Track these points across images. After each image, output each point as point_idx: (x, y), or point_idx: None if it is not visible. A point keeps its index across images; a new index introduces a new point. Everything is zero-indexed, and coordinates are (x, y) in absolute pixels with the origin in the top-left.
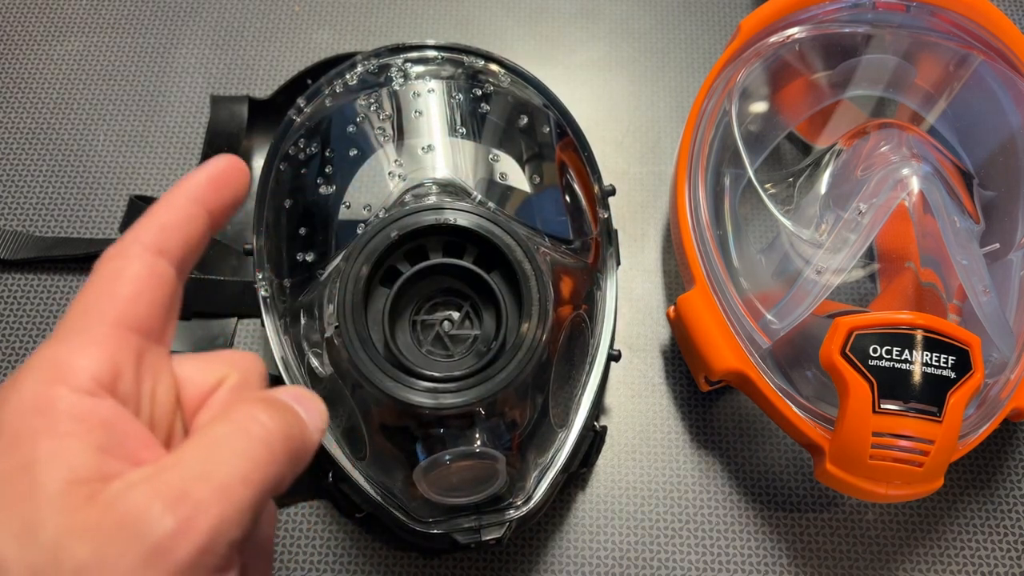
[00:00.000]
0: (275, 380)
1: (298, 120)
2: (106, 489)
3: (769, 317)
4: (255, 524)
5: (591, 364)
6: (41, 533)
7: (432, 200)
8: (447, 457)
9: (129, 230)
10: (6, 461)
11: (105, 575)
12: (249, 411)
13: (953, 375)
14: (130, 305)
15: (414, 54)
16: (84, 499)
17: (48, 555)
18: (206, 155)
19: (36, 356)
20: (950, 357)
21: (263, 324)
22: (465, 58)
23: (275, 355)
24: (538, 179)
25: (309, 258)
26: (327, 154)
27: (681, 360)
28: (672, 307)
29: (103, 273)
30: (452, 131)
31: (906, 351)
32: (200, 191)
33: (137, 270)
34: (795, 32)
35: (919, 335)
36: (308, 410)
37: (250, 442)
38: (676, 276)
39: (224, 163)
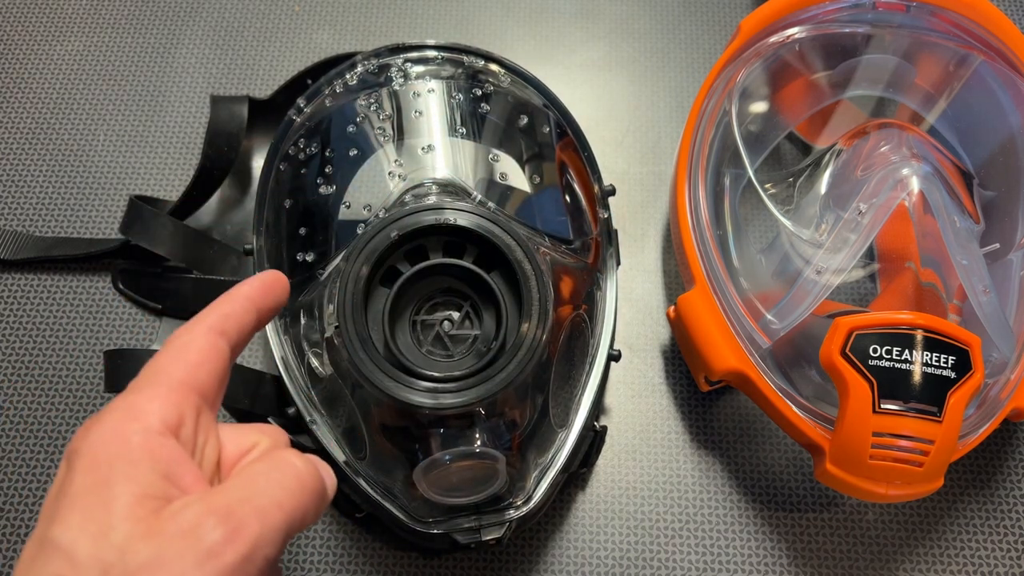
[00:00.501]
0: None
1: (298, 120)
2: (168, 506)
3: (769, 317)
4: (284, 548)
5: (591, 364)
6: (113, 535)
7: (432, 200)
8: (447, 457)
9: (198, 315)
10: (88, 477)
11: (164, 570)
12: (283, 454)
13: (953, 375)
14: (194, 370)
15: (414, 54)
16: (150, 511)
17: (116, 553)
18: (206, 155)
19: (116, 401)
20: (950, 357)
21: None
22: (465, 58)
23: (275, 355)
24: (538, 179)
25: (309, 258)
26: (327, 154)
27: (681, 360)
28: (672, 307)
29: (175, 343)
30: (452, 131)
31: (906, 351)
32: (254, 293)
33: (202, 344)
34: (795, 32)
35: (919, 335)
36: (325, 471)
37: (284, 475)
38: (676, 276)
39: (273, 276)
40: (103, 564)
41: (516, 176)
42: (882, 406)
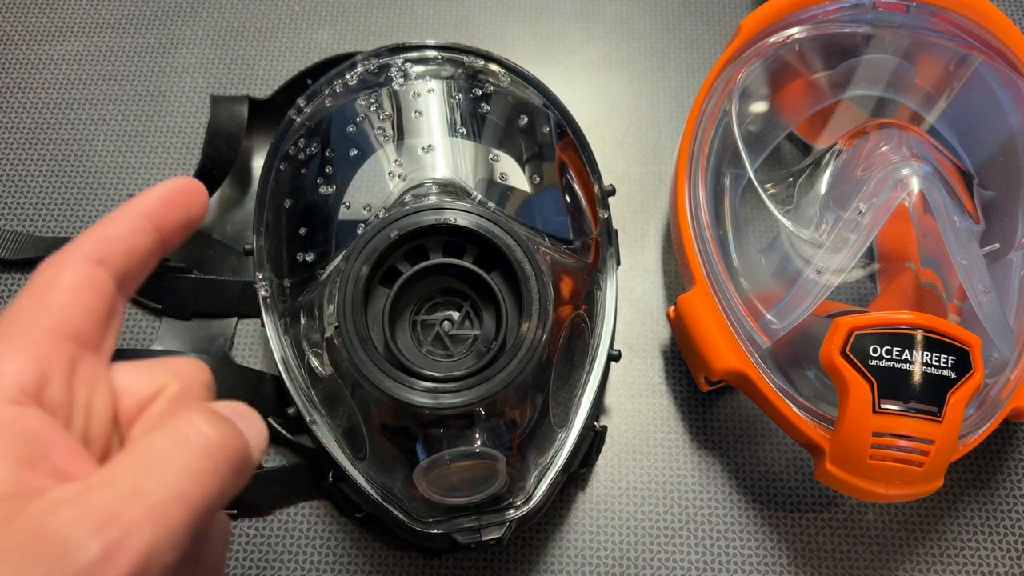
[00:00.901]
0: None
1: (298, 120)
2: (28, 507)
3: (769, 317)
4: (195, 544)
5: (591, 364)
6: None
7: (432, 200)
8: (447, 457)
9: (71, 241)
10: None
11: None
12: (189, 421)
13: (953, 375)
14: (64, 312)
15: (414, 54)
16: (3, 519)
17: None
18: (206, 155)
19: None
20: (950, 357)
21: (263, 324)
22: (465, 58)
23: (275, 355)
24: (538, 179)
25: (309, 258)
26: (327, 154)
27: (681, 360)
28: (672, 307)
29: (38, 280)
30: (452, 131)
31: (906, 351)
32: (151, 207)
33: (72, 277)
34: (795, 32)
35: (919, 335)
36: (250, 427)
37: (190, 455)
38: (676, 276)
39: (181, 183)
40: None
41: (516, 176)
42: (882, 406)
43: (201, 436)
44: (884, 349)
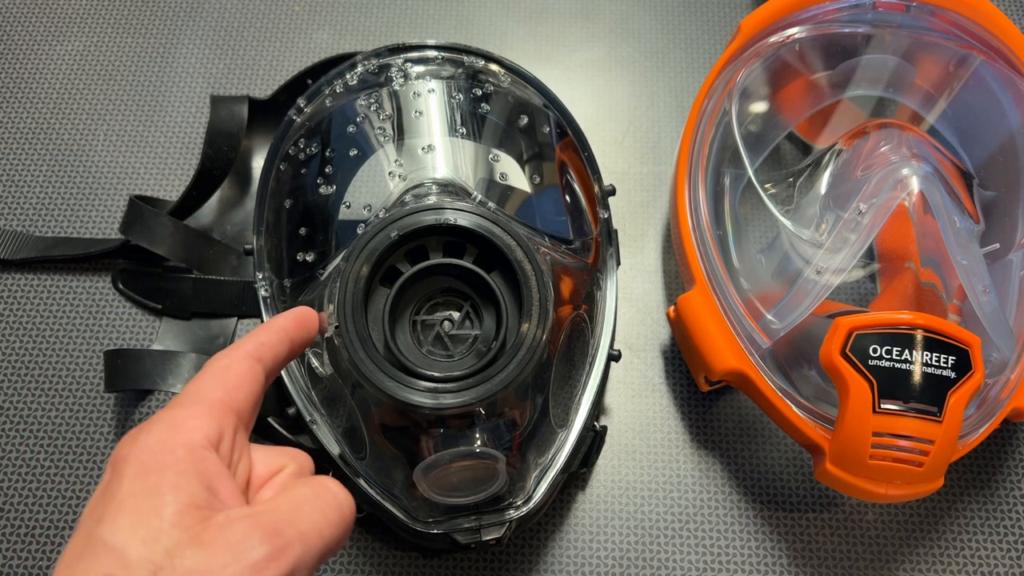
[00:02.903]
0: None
1: (298, 120)
2: (214, 516)
3: (769, 317)
4: (314, 573)
5: (591, 364)
6: (163, 539)
7: (432, 200)
8: (447, 457)
9: (238, 342)
10: (137, 483)
11: None
12: (327, 483)
13: (953, 375)
14: (233, 392)
15: (414, 54)
16: (198, 520)
17: (166, 557)
18: (206, 155)
19: (161, 414)
20: (950, 357)
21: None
22: (465, 58)
23: None
24: (538, 179)
25: (309, 258)
26: (327, 154)
27: (681, 360)
28: (672, 307)
29: (216, 366)
30: (452, 131)
31: (906, 351)
32: (289, 325)
33: (241, 368)
34: (795, 32)
35: (919, 335)
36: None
37: (328, 505)
38: (676, 276)
39: (306, 312)
40: (153, 566)
41: (516, 176)
42: (882, 406)
43: (334, 493)
44: (884, 349)
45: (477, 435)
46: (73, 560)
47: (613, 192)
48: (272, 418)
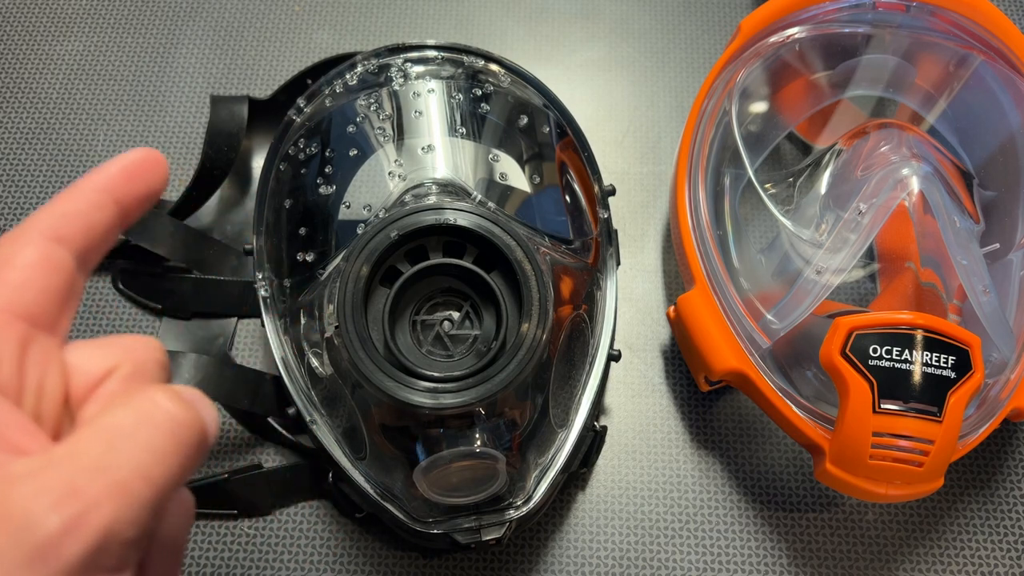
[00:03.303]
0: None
1: (298, 120)
2: None
3: (769, 317)
4: (156, 521)
5: (591, 364)
6: None
7: (432, 200)
8: (447, 457)
9: (28, 219)
10: None
11: None
12: (152, 399)
13: (953, 375)
14: (18, 292)
15: (414, 54)
16: None
17: None
18: (206, 155)
19: None
20: (950, 357)
21: (263, 324)
22: (465, 58)
23: (275, 355)
24: (538, 179)
25: (309, 258)
26: (327, 154)
27: (681, 360)
28: (672, 307)
29: None
30: (452, 131)
31: (906, 351)
32: (110, 181)
33: (29, 256)
34: (795, 32)
35: (919, 335)
36: (205, 410)
37: (154, 432)
38: (676, 276)
39: (141, 154)
40: None
41: (516, 176)
42: (882, 406)
43: (165, 414)
44: (884, 349)
45: (477, 435)
46: None
47: (613, 192)
48: (272, 418)
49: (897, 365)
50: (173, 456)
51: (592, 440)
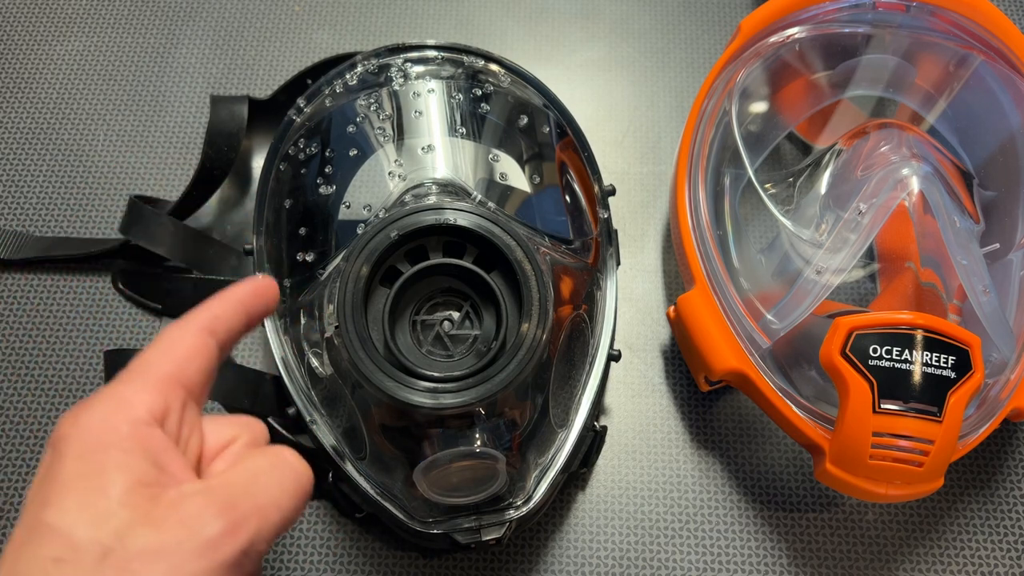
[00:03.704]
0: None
1: (298, 120)
2: (165, 493)
3: (769, 317)
4: (271, 546)
5: (591, 364)
6: (112, 520)
7: (432, 200)
8: (447, 457)
9: (189, 314)
10: (81, 463)
11: (164, 558)
12: (283, 454)
13: (953, 375)
14: (182, 365)
15: (414, 54)
16: (147, 498)
17: (116, 538)
18: (206, 155)
19: (104, 390)
20: (950, 357)
21: (263, 324)
22: (465, 58)
23: (275, 355)
24: (538, 179)
25: (309, 258)
26: (327, 154)
27: (681, 360)
28: (672, 307)
29: (164, 339)
30: (452, 131)
31: (906, 351)
32: (245, 296)
33: (191, 341)
34: (795, 32)
35: (919, 335)
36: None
37: (284, 476)
38: (676, 276)
39: (265, 282)
40: (102, 547)
41: (516, 176)
42: (882, 406)
43: (291, 463)
44: (884, 349)
45: (477, 435)
46: (19, 546)
47: (613, 192)
48: (272, 418)
49: (897, 365)
50: (293, 494)
51: (592, 440)
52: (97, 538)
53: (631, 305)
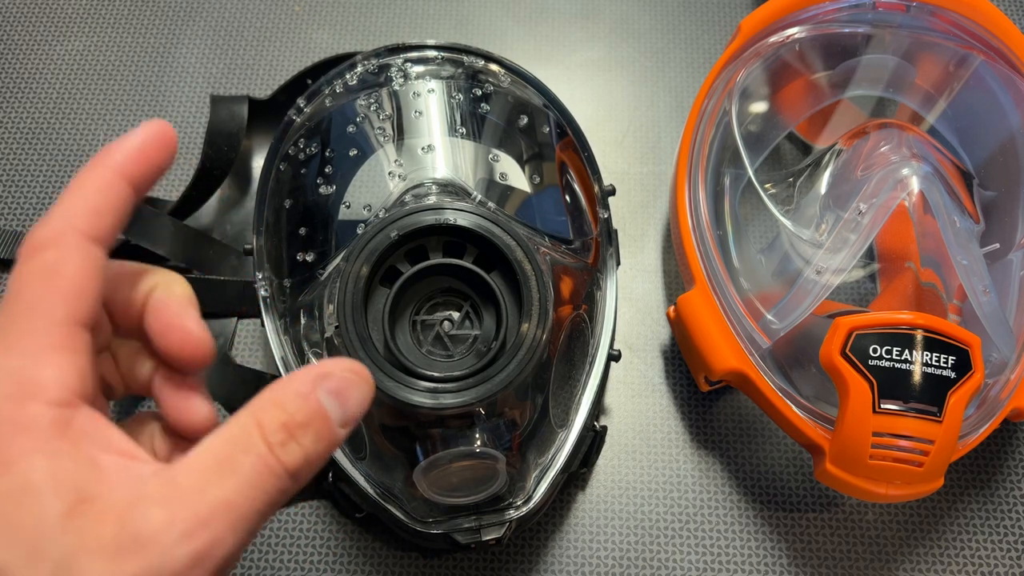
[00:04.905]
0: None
1: (298, 120)
2: (105, 501)
3: (769, 317)
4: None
5: (591, 364)
6: (51, 552)
7: (432, 200)
8: (447, 457)
9: (59, 209)
10: (2, 483)
11: None
12: (268, 439)
13: (953, 375)
14: (77, 302)
15: (414, 54)
16: (94, 519)
17: (60, 573)
18: (206, 155)
19: None
20: (950, 357)
21: (263, 324)
22: (465, 58)
23: (275, 355)
24: (538, 179)
25: (309, 258)
26: (327, 154)
27: (681, 360)
28: (672, 307)
29: (41, 265)
30: (452, 131)
31: (906, 351)
32: (129, 165)
33: (79, 265)
34: (795, 32)
35: (919, 335)
36: (345, 402)
37: (266, 476)
38: (676, 276)
39: (155, 131)
40: None
41: (516, 176)
42: (882, 406)
43: (278, 461)
44: (884, 349)
45: (477, 435)
46: None
47: (613, 192)
48: None
49: (897, 365)
50: (278, 492)
51: (592, 440)
52: None
53: (631, 305)
